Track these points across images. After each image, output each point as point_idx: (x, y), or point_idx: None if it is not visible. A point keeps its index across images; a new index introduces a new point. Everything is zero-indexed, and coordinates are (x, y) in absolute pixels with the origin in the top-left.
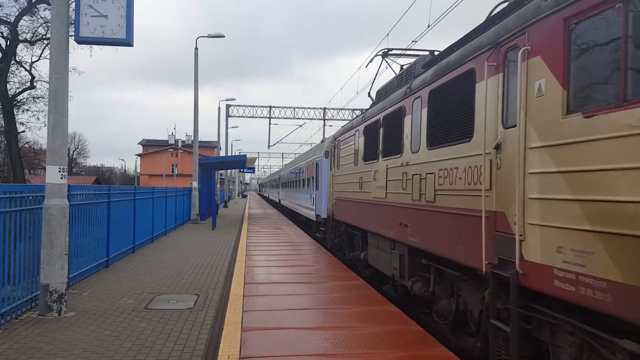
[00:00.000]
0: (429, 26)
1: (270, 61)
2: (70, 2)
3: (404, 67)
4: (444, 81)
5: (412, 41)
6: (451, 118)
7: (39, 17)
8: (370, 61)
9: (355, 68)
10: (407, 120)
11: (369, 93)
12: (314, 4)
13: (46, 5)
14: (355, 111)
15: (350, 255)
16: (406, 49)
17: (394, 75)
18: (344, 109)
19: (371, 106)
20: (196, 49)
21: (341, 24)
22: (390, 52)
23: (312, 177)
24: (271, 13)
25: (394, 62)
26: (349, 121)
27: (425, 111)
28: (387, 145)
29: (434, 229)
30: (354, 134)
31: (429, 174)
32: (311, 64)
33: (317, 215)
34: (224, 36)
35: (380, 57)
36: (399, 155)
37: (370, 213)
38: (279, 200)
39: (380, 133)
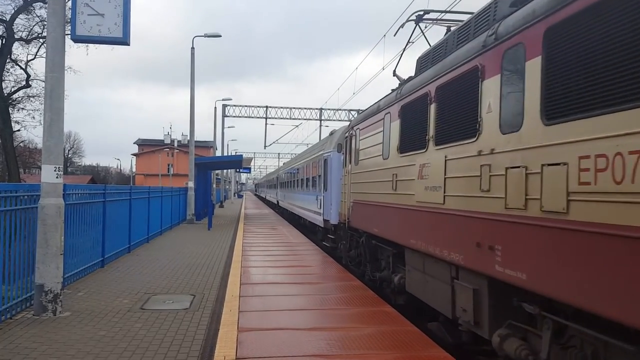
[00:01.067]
0: (426, 27)
1: (263, 61)
2: (66, 0)
3: (451, 28)
4: (589, 3)
5: (409, 42)
6: (615, 62)
7: (34, 15)
8: (401, 27)
9: (347, 68)
10: (490, 85)
11: (394, 72)
12: (307, 5)
13: (42, 4)
14: (351, 112)
15: (374, 276)
16: (447, 11)
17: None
18: (340, 110)
19: (407, 80)
20: (192, 48)
21: (333, 24)
22: (425, 17)
23: (319, 176)
24: (264, 13)
25: (436, 22)
26: (373, 103)
27: (535, 64)
28: (445, 127)
29: (566, 261)
30: (382, 119)
31: (549, 165)
32: (304, 65)
33: (326, 221)
34: (220, 35)
35: (412, 22)
36: (471, 140)
37: (411, 223)
38: (277, 201)
39: (431, 111)
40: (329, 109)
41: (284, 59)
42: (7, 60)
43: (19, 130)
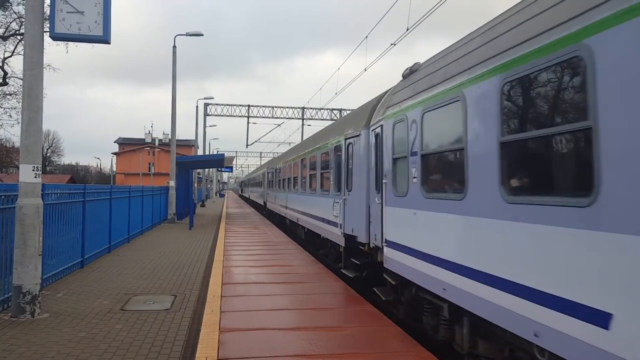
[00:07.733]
0: (407, 29)
1: (229, 61)
2: None
3: None
4: None
5: (391, 44)
6: None
7: (11, 11)
8: None
9: (315, 66)
10: None
11: None
12: (272, 5)
13: (19, 0)
14: (334, 111)
15: None
16: None
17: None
18: (323, 109)
19: None
20: (174, 47)
21: (297, 25)
22: None
23: None
24: (229, 13)
25: None
26: None
27: None
28: None
29: None
30: None
31: None
32: (271, 64)
33: None
34: (202, 34)
35: None
36: None
37: None
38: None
39: None
40: (311, 108)
41: (251, 59)
42: None
43: None
